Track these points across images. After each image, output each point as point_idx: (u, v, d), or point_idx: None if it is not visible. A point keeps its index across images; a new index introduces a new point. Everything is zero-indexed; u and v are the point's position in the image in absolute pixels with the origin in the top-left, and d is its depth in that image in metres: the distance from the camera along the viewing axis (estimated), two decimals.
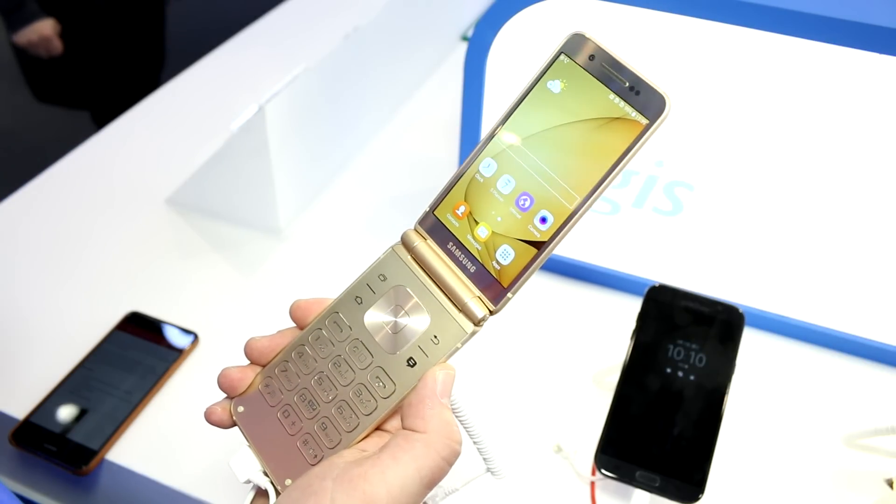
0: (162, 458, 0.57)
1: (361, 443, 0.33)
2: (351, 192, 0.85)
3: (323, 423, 0.33)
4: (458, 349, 0.33)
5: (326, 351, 0.35)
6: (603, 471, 0.52)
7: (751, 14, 0.53)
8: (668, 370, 0.55)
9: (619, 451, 0.53)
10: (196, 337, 0.66)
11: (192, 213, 0.81)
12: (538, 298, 0.71)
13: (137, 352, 0.64)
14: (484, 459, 0.37)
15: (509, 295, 0.33)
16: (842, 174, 0.59)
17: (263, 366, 0.36)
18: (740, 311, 0.57)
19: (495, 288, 0.33)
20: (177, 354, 0.64)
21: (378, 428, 0.34)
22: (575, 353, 0.66)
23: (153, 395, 0.61)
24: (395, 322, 0.34)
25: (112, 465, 0.57)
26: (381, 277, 0.35)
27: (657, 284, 0.59)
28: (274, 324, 0.38)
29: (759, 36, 0.54)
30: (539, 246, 0.33)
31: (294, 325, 0.37)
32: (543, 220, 0.33)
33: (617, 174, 0.32)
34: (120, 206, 0.81)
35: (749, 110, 0.59)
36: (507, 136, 0.34)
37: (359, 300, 0.35)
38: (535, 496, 0.56)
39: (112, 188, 0.84)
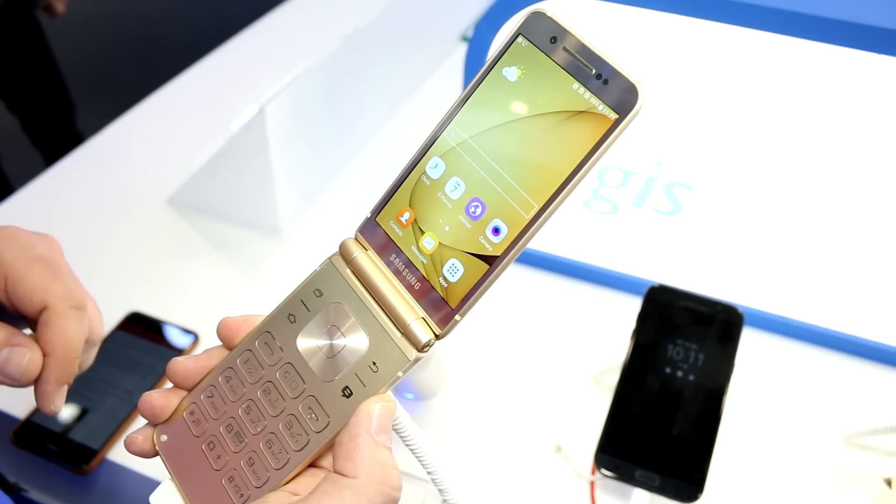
0: None
1: (292, 482, 0.29)
2: (351, 192, 0.85)
3: (250, 458, 0.30)
4: (399, 378, 0.29)
5: (256, 375, 0.31)
6: (603, 470, 0.52)
7: (751, 14, 0.53)
8: (668, 370, 0.55)
9: (618, 451, 0.53)
10: (196, 337, 0.66)
11: (193, 213, 0.81)
12: (538, 298, 0.71)
13: (138, 352, 0.64)
14: (440, 491, 0.32)
15: (457, 317, 0.29)
16: (841, 174, 0.59)
17: (189, 390, 0.32)
18: (739, 311, 0.57)
19: (442, 308, 0.29)
20: (177, 354, 0.64)
21: (313, 464, 0.30)
22: (575, 352, 0.66)
23: None
24: (331, 345, 0.30)
25: (113, 464, 0.57)
26: (316, 293, 0.31)
27: (657, 284, 0.59)
28: None
29: (759, 36, 0.54)
30: (491, 261, 0.28)
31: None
32: (496, 230, 0.28)
33: (581, 178, 0.27)
34: (120, 206, 0.82)
35: (748, 110, 0.59)
36: (456, 132, 0.30)
37: (292, 318, 0.31)
38: (535, 496, 0.56)
39: (112, 188, 0.84)
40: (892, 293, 0.63)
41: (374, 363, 0.29)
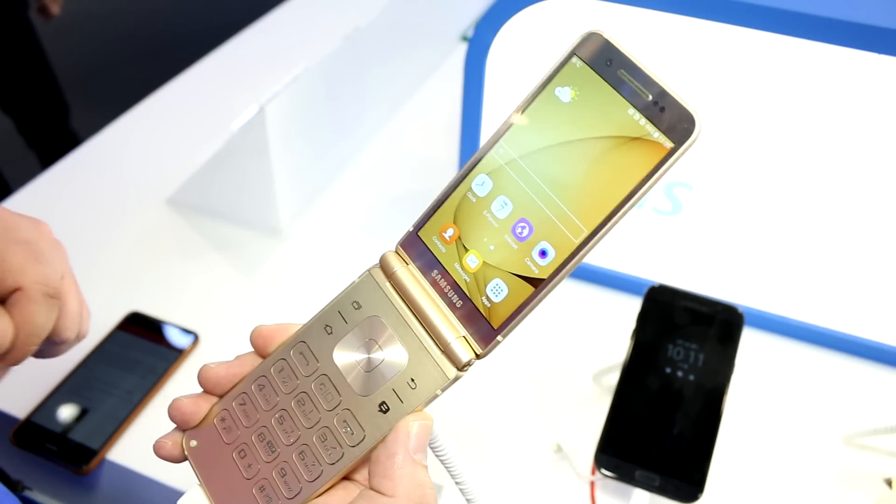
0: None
1: (325, 495, 0.29)
2: (351, 192, 0.85)
3: (282, 468, 0.30)
4: (437, 396, 0.29)
5: (290, 385, 0.31)
6: (603, 470, 0.52)
7: (751, 14, 0.53)
8: (668, 370, 0.55)
9: (618, 451, 0.53)
10: (196, 337, 0.66)
11: (193, 213, 0.81)
12: None
13: (138, 352, 0.64)
14: (467, 501, 0.33)
15: (499, 338, 0.29)
16: (841, 174, 0.59)
17: (220, 396, 0.32)
18: (739, 311, 0.57)
19: (484, 328, 0.29)
20: (177, 354, 0.64)
21: (346, 477, 0.30)
22: (575, 352, 0.66)
23: (154, 394, 0.61)
24: (369, 359, 0.30)
25: (112, 464, 0.57)
26: (354, 305, 0.31)
27: (657, 284, 0.59)
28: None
29: (759, 36, 0.54)
30: (537, 284, 0.28)
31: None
32: (543, 253, 0.28)
33: (633, 205, 0.27)
34: (120, 206, 0.82)
35: (748, 110, 0.59)
36: (505, 150, 0.29)
37: (329, 329, 0.31)
38: (535, 496, 0.56)
39: (112, 188, 0.84)
40: (892, 293, 0.63)
41: (413, 380, 0.29)
